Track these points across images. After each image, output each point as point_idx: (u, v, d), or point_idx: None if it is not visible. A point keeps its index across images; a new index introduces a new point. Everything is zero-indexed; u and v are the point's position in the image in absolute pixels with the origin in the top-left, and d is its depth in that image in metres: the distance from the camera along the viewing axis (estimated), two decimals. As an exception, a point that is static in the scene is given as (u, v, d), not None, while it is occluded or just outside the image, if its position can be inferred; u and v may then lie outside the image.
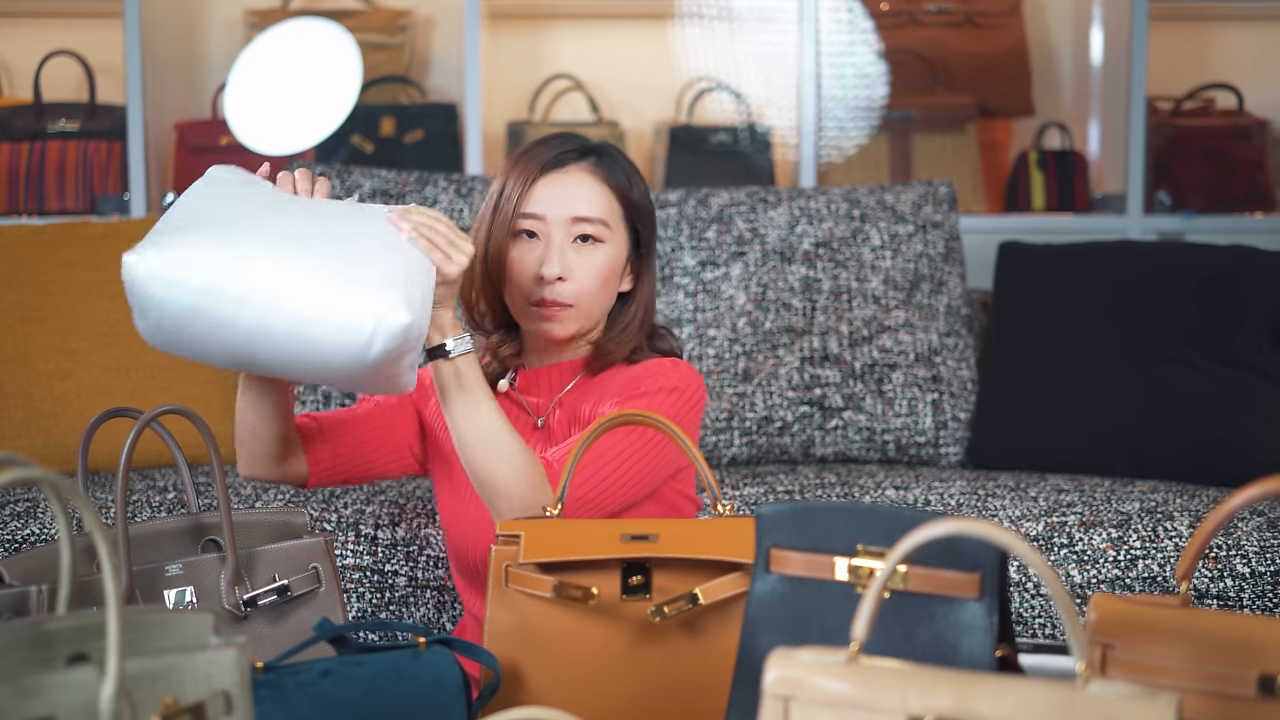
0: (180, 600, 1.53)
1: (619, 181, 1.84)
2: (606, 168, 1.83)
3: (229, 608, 1.56)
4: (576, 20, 3.83)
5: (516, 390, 1.88)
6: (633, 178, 1.85)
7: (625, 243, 1.84)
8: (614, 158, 1.85)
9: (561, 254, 1.79)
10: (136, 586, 1.49)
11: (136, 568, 1.52)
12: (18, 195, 3.39)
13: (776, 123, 3.61)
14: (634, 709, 1.50)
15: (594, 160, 1.83)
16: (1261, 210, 3.54)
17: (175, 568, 1.52)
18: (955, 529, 1.04)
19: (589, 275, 1.80)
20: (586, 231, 1.80)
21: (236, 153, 3.41)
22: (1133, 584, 2.20)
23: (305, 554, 1.59)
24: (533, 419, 1.86)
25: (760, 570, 1.34)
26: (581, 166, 1.83)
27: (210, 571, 1.57)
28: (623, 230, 1.84)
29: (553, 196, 1.81)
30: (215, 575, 1.57)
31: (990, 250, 3.02)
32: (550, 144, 1.84)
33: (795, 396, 2.68)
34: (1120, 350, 2.70)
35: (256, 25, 3.52)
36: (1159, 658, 1.22)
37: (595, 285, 1.80)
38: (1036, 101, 3.68)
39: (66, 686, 0.95)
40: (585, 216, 1.80)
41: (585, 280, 1.79)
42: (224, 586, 1.57)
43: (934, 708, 1.01)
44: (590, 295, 1.80)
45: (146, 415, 1.56)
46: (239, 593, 1.57)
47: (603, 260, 1.81)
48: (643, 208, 1.86)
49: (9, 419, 2.57)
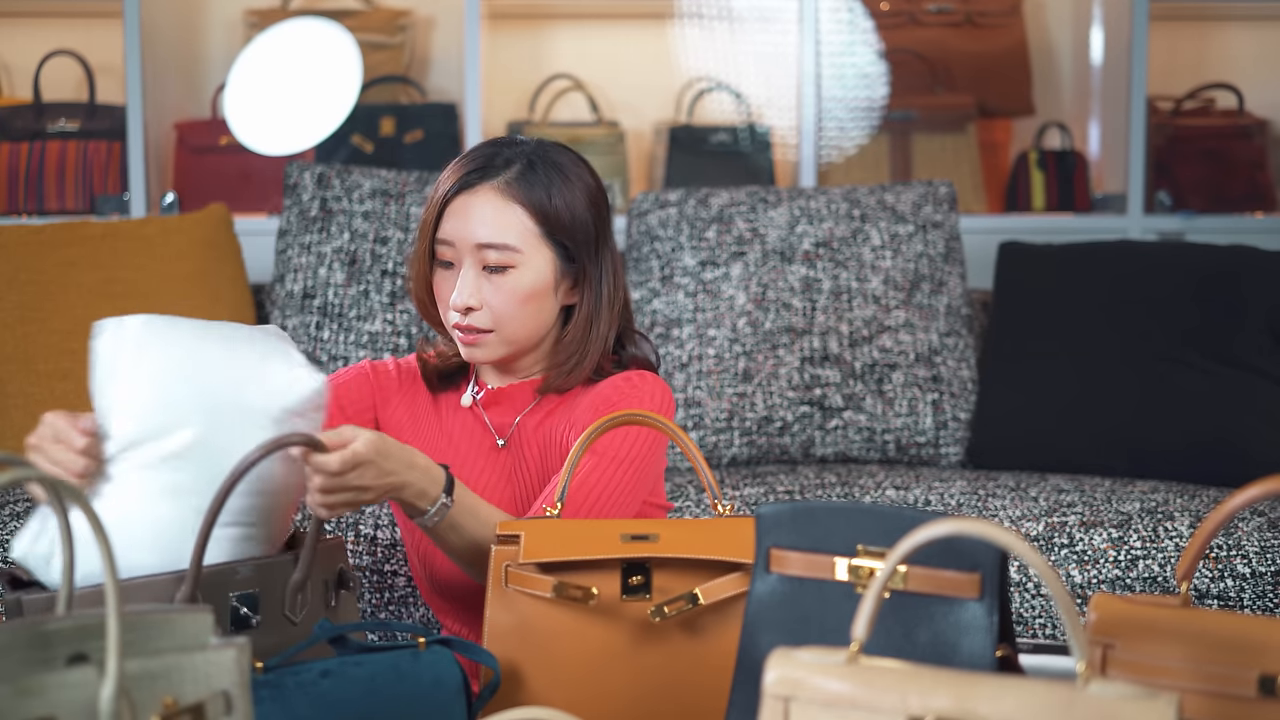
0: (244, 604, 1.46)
1: (534, 197, 1.72)
2: (521, 183, 1.72)
3: (287, 614, 1.48)
4: (576, 20, 3.83)
5: (480, 406, 1.82)
6: (556, 188, 1.74)
7: (548, 260, 1.73)
8: (534, 168, 1.74)
9: (471, 282, 1.71)
10: (200, 588, 1.39)
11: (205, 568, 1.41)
12: (17, 195, 3.39)
13: (776, 123, 3.60)
14: (634, 709, 1.50)
15: (506, 177, 1.72)
16: (1261, 210, 3.54)
17: (247, 569, 1.44)
18: (955, 529, 1.04)
19: (502, 301, 1.71)
20: (490, 261, 1.71)
21: (236, 152, 3.41)
22: (1133, 584, 2.20)
23: (330, 556, 1.57)
24: (494, 438, 1.80)
25: (760, 570, 1.34)
26: (490, 186, 1.72)
27: (280, 575, 1.48)
28: (542, 248, 1.73)
29: (460, 222, 1.72)
30: (283, 579, 1.48)
31: (990, 250, 3.02)
32: (464, 161, 1.75)
33: (795, 396, 2.68)
34: (1120, 350, 2.70)
35: (256, 25, 3.51)
36: (1159, 658, 1.22)
37: (511, 310, 1.72)
38: (1037, 101, 3.68)
39: (66, 686, 0.95)
40: (489, 243, 1.71)
41: (499, 307, 1.71)
42: (289, 592, 1.48)
43: (934, 708, 1.01)
44: (508, 320, 1.72)
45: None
46: (300, 599, 1.48)
47: (515, 285, 1.71)
48: (568, 219, 1.74)
49: (9, 419, 2.57)
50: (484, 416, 1.82)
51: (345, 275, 2.74)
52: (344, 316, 2.72)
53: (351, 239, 2.76)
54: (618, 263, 1.81)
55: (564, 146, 1.80)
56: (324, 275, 2.75)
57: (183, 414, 1.44)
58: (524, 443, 1.79)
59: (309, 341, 2.71)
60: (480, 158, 1.75)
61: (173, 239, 2.77)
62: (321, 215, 2.78)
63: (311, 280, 2.75)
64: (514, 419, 1.80)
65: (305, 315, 2.73)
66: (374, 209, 2.78)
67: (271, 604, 1.46)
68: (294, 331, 2.72)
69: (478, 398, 1.82)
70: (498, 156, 1.74)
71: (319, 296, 2.73)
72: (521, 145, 1.77)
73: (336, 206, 2.79)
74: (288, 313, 2.74)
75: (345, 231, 2.76)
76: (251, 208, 3.40)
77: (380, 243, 2.75)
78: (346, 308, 2.72)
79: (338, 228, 2.77)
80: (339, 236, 2.76)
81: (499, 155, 1.75)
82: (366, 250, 2.75)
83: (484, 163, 1.74)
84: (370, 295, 2.73)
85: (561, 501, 1.58)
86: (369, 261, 2.75)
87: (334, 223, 2.78)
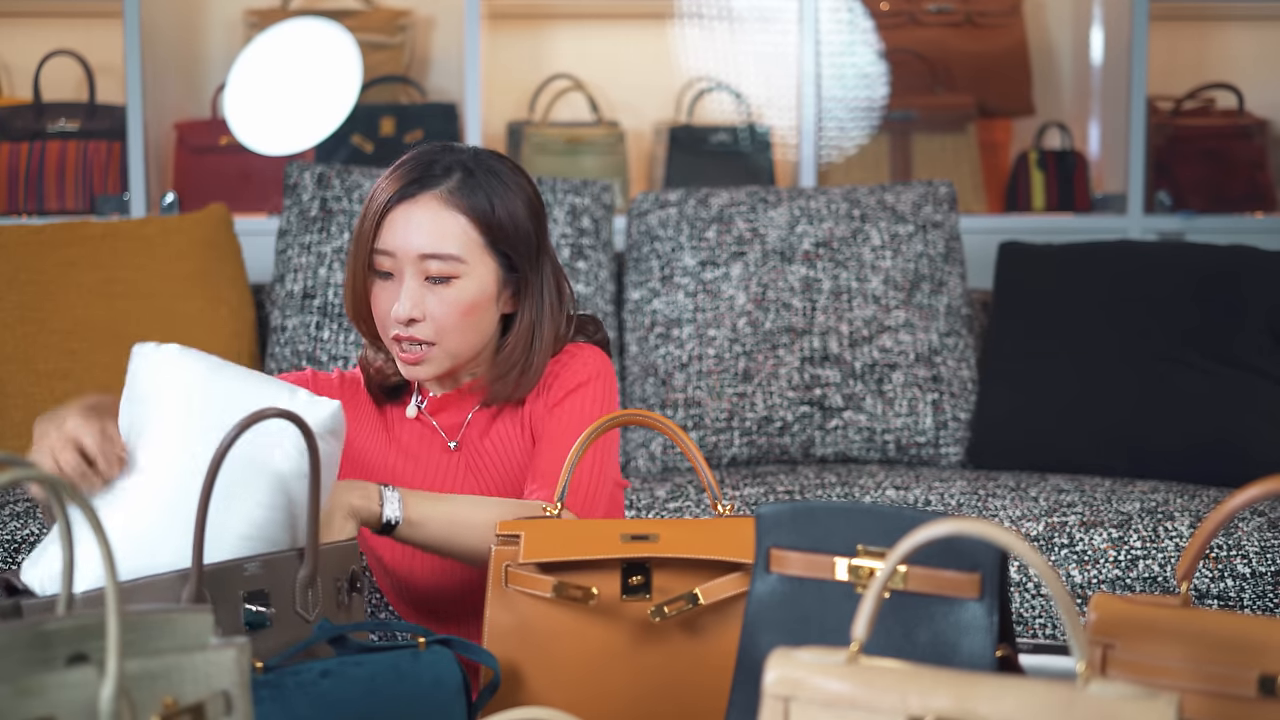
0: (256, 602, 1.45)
1: (477, 205, 1.69)
2: (463, 192, 1.69)
3: (300, 611, 1.47)
4: (576, 20, 3.83)
5: (426, 413, 1.80)
6: (497, 196, 1.70)
7: (491, 270, 1.70)
8: (474, 175, 1.70)
9: (413, 293, 1.68)
10: (206, 584, 1.38)
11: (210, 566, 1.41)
12: (17, 195, 3.39)
13: (776, 123, 3.60)
14: (634, 709, 1.50)
15: (448, 185, 1.69)
16: (1261, 210, 3.54)
17: (254, 565, 1.44)
18: (955, 529, 1.04)
19: (445, 313, 1.68)
20: (433, 272, 1.67)
21: (236, 152, 3.41)
22: (1133, 584, 2.20)
23: (343, 556, 1.56)
24: (445, 441, 1.79)
25: (760, 570, 1.34)
26: (432, 195, 1.69)
27: (288, 571, 1.47)
28: (485, 258, 1.70)
29: (400, 232, 1.68)
30: (292, 575, 1.47)
31: (990, 250, 3.02)
32: (401, 170, 1.71)
33: (795, 396, 2.68)
34: (1120, 350, 2.70)
35: (256, 25, 3.51)
36: (1159, 658, 1.22)
37: (454, 321, 1.69)
38: (1036, 101, 3.68)
39: (66, 686, 0.95)
40: (432, 253, 1.67)
41: (442, 318, 1.68)
42: (298, 588, 1.47)
43: (934, 708, 1.01)
44: (451, 332, 1.69)
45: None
46: (311, 596, 1.48)
47: (458, 296, 1.68)
48: (510, 228, 1.71)
49: (9, 419, 2.57)
50: (432, 422, 1.80)
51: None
52: (344, 317, 2.71)
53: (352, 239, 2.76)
54: (557, 267, 1.78)
55: (499, 155, 1.77)
56: (324, 275, 2.75)
57: (209, 434, 1.44)
58: (476, 441, 1.78)
59: (309, 341, 2.71)
60: (418, 166, 1.71)
61: (173, 239, 2.77)
62: (321, 215, 2.78)
63: (311, 280, 2.75)
64: (462, 420, 1.79)
65: (305, 315, 2.73)
66: (374, 209, 2.78)
67: (283, 601, 1.45)
68: (294, 331, 2.72)
69: (422, 407, 1.81)
70: (436, 165, 1.71)
71: (319, 296, 2.73)
72: (458, 153, 1.73)
73: (336, 206, 2.79)
74: (288, 313, 2.74)
75: (345, 231, 2.76)
76: (251, 208, 3.40)
77: (380, 243, 2.75)
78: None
79: (338, 228, 2.77)
80: (339, 236, 2.76)
81: (437, 164, 1.71)
82: (366, 250, 2.75)
83: (422, 171, 1.70)
84: (370, 295, 2.73)
85: (561, 501, 1.58)
86: (369, 261, 2.74)
87: (334, 223, 2.78)
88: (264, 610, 1.43)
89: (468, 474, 1.79)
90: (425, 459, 1.80)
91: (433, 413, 1.80)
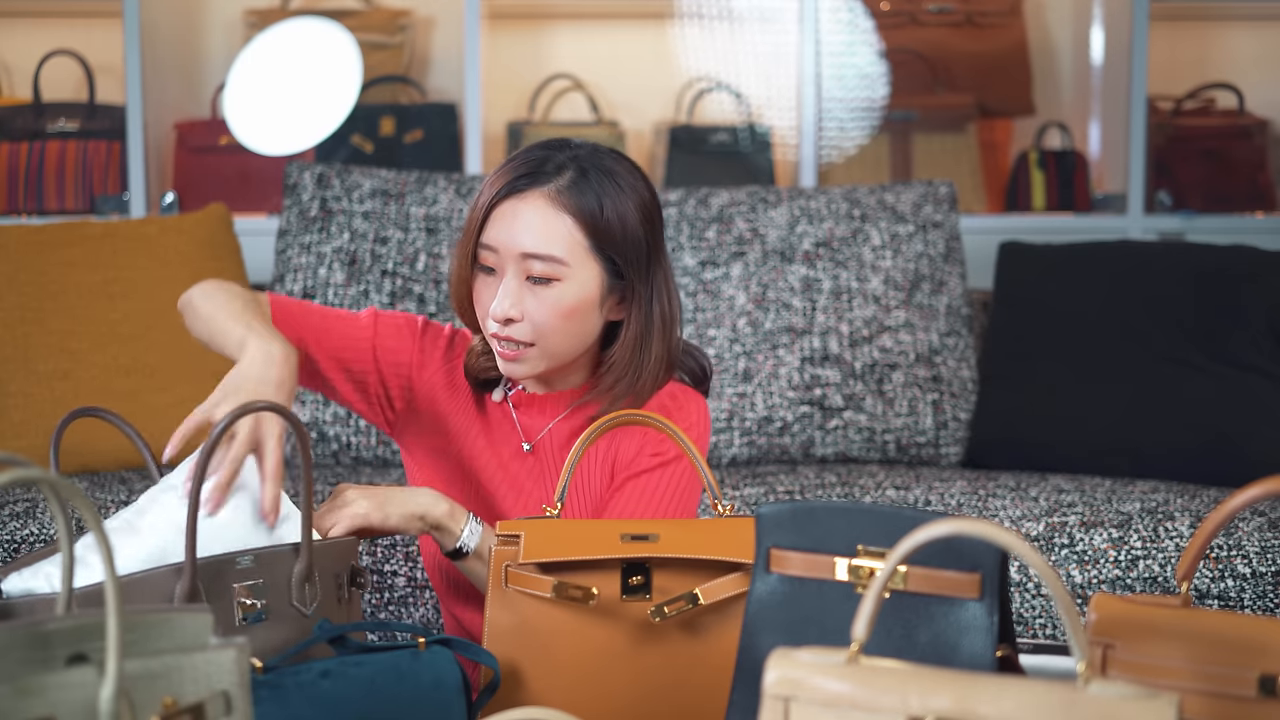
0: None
1: (586, 207, 1.64)
2: (572, 192, 1.64)
3: (296, 605, 1.47)
4: (576, 20, 3.83)
5: (510, 404, 1.78)
6: (608, 198, 1.64)
7: (596, 274, 1.65)
8: (586, 176, 1.65)
9: (513, 292, 1.64)
10: (201, 578, 1.39)
11: (202, 560, 1.43)
12: (17, 195, 3.39)
13: (776, 123, 3.60)
14: (634, 709, 1.50)
15: (558, 184, 1.64)
16: (1261, 210, 3.54)
17: (247, 560, 1.44)
18: (955, 529, 1.04)
19: (545, 315, 1.64)
20: (535, 272, 1.63)
21: (236, 152, 3.41)
22: (1133, 584, 2.20)
23: (342, 552, 1.56)
24: (520, 440, 1.76)
25: (760, 570, 1.33)
26: (541, 193, 1.64)
27: (283, 565, 1.47)
28: (590, 262, 1.65)
29: (505, 228, 1.64)
30: (287, 569, 1.47)
31: (990, 250, 3.02)
32: (514, 164, 1.67)
33: (795, 396, 2.68)
34: (1120, 350, 2.70)
35: (256, 25, 3.51)
36: (1159, 658, 1.22)
37: (554, 324, 1.64)
38: (1037, 101, 3.68)
39: (66, 687, 0.95)
40: (535, 253, 1.63)
41: (541, 320, 1.64)
42: (294, 582, 1.47)
43: (934, 708, 1.01)
44: (550, 334, 1.65)
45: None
46: (309, 591, 1.48)
47: (559, 298, 1.64)
48: (619, 232, 1.65)
49: (9, 419, 2.56)
50: (514, 416, 1.78)
51: (345, 275, 2.74)
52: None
53: (351, 239, 2.76)
54: (670, 279, 1.72)
55: (620, 154, 1.71)
56: (324, 275, 2.74)
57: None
58: (553, 451, 1.75)
59: (309, 341, 2.71)
60: (531, 162, 1.66)
61: (173, 239, 2.77)
62: (321, 215, 2.78)
63: (311, 280, 2.75)
64: (544, 425, 1.76)
65: (305, 315, 2.73)
66: (374, 209, 2.78)
67: (278, 595, 1.45)
68: (294, 331, 2.72)
69: (509, 394, 1.78)
70: (549, 162, 1.66)
71: (319, 296, 2.73)
72: (575, 149, 1.68)
73: (336, 206, 2.79)
74: (288, 313, 2.74)
75: (345, 231, 2.76)
76: (251, 208, 3.40)
77: (380, 243, 2.75)
78: (346, 308, 2.72)
79: (338, 228, 2.77)
80: (339, 236, 2.76)
81: (550, 160, 1.66)
82: (366, 250, 2.75)
83: (535, 167, 1.65)
84: (370, 295, 2.73)
85: (561, 502, 1.57)
86: (369, 261, 2.75)
87: (334, 223, 2.78)
88: (257, 603, 1.43)
89: (538, 481, 1.75)
90: (501, 450, 1.77)
91: (517, 406, 1.77)
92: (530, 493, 1.76)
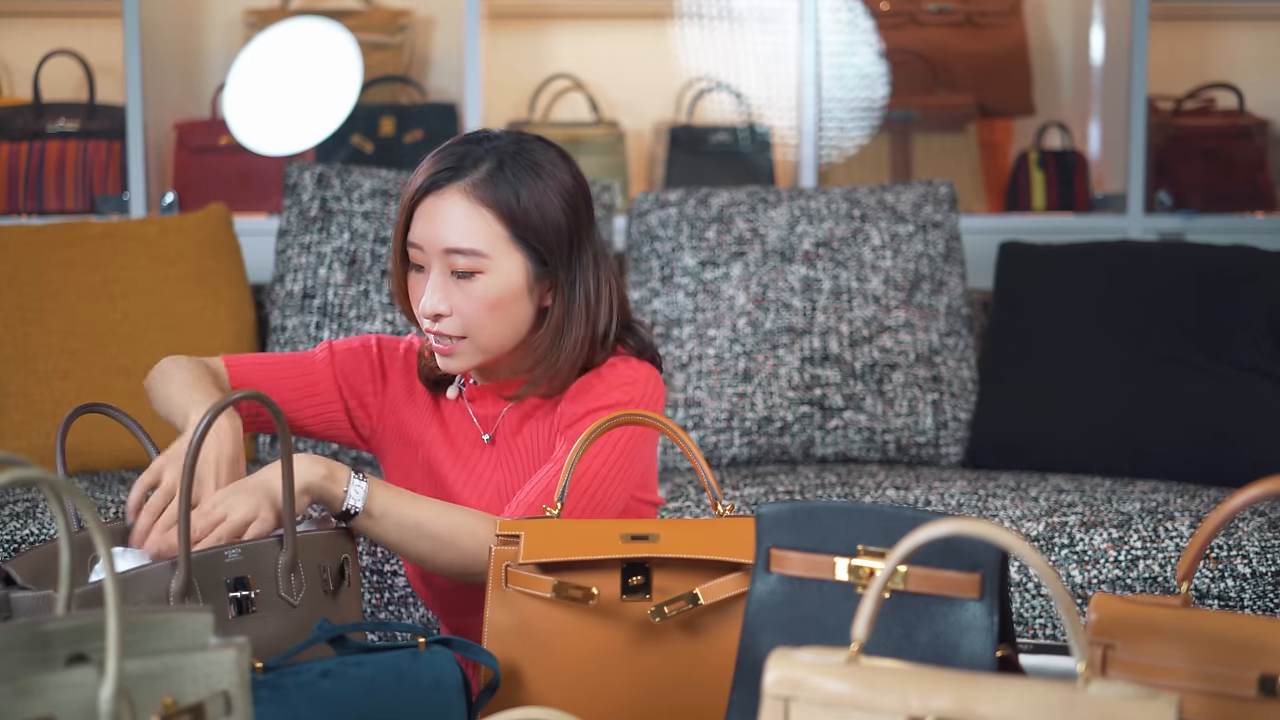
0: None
1: (503, 199, 1.65)
2: (489, 184, 1.65)
3: (284, 595, 1.49)
4: (576, 20, 3.83)
5: (465, 399, 1.80)
6: (525, 188, 1.66)
7: (519, 264, 1.67)
8: (503, 167, 1.66)
9: (440, 288, 1.66)
10: (195, 573, 1.42)
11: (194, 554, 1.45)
12: (17, 195, 3.39)
13: (776, 123, 3.60)
14: (634, 709, 1.50)
15: (475, 177, 1.66)
16: (1262, 210, 3.53)
17: (234, 552, 1.46)
18: (955, 529, 1.03)
19: (472, 308, 1.66)
20: (459, 267, 1.65)
21: (236, 152, 3.41)
22: (1133, 584, 2.20)
23: (336, 545, 1.57)
24: (478, 432, 1.79)
25: (760, 570, 1.33)
26: (459, 188, 1.66)
27: (268, 557, 1.49)
28: (512, 252, 1.66)
29: (428, 225, 1.66)
30: (273, 560, 1.49)
31: (990, 250, 3.01)
32: (435, 159, 1.69)
33: (795, 396, 2.68)
34: (1120, 350, 2.70)
35: (256, 25, 3.51)
36: (1159, 658, 1.22)
37: (482, 316, 1.66)
38: (1037, 101, 3.68)
39: (66, 687, 0.95)
40: (456, 248, 1.65)
41: (469, 313, 1.66)
42: (280, 573, 1.49)
43: (934, 708, 1.01)
44: (480, 327, 1.67)
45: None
46: (295, 581, 1.49)
47: (484, 291, 1.66)
48: (538, 221, 1.66)
49: (9, 419, 2.57)
50: (469, 410, 1.80)
51: (345, 275, 2.74)
52: (344, 316, 2.72)
53: (351, 239, 2.76)
54: (601, 262, 1.73)
55: (545, 142, 1.72)
56: (324, 275, 2.74)
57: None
58: (509, 437, 1.78)
59: (309, 342, 2.71)
60: (451, 156, 1.68)
61: (173, 239, 2.77)
62: (321, 215, 2.78)
63: (311, 280, 2.75)
64: (497, 412, 1.78)
65: (305, 315, 2.73)
66: (374, 209, 2.78)
67: (265, 586, 1.48)
68: (294, 331, 2.72)
69: (462, 390, 1.80)
70: (468, 155, 1.68)
71: (319, 296, 2.73)
72: (495, 141, 1.69)
73: (336, 206, 2.79)
74: (287, 313, 2.74)
75: (345, 231, 2.76)
76: (251, 208, 3.40)
77: (380, 243, 2.75)
78: (346, 308, 2.72)
79: (338, 228, 2.77)
80: (339, 236, 2.76)
81: (470, 154, 1.68)
82: (366, 250, 2.75)
83: (454, 162, 1.67)
84: (370, 295, 2.73)
85: (561, 502, 1.57)
86: (369, 261, 2.75)
87: (334, 223, 2.78)
88: (245, 594, 1.45)
89: (499, 468, 1.77)
90: (461, 446, 1.79)
91: (470, 400, 1.80)
92: (492, 480, 1.77)
